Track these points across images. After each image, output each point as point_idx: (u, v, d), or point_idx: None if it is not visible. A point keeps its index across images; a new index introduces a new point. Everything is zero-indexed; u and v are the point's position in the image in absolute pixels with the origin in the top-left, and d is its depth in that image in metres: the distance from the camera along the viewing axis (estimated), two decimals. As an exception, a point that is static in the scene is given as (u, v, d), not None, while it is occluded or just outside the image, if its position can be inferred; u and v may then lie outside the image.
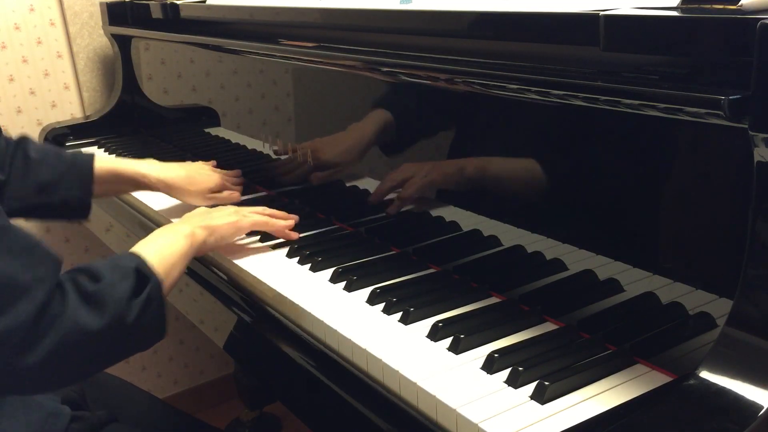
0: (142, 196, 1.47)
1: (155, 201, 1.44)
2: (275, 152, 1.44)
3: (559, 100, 0.84)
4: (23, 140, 1.24)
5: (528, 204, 0.98)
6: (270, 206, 1.23)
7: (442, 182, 1.10)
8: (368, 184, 1.22)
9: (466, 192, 1.07)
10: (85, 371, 0.94)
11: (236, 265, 1.13)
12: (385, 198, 1.18)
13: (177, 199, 1.36)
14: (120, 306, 0.87)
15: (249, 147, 1.55)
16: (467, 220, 1.06)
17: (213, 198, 1.34)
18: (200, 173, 1.37)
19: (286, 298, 1.01)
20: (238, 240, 1.21)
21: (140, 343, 0.93)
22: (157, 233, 1.07)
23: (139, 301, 0.89)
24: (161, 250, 1.00)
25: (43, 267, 0.84)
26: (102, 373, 1.34)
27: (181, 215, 1.18)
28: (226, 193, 1.36)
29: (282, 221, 1.18)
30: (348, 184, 1.26)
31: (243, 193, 1.41)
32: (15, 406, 1.00)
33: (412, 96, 1.12)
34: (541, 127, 0.94)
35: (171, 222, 1.26)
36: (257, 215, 1.17)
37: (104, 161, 1.32)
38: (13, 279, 0.81)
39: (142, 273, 0.91)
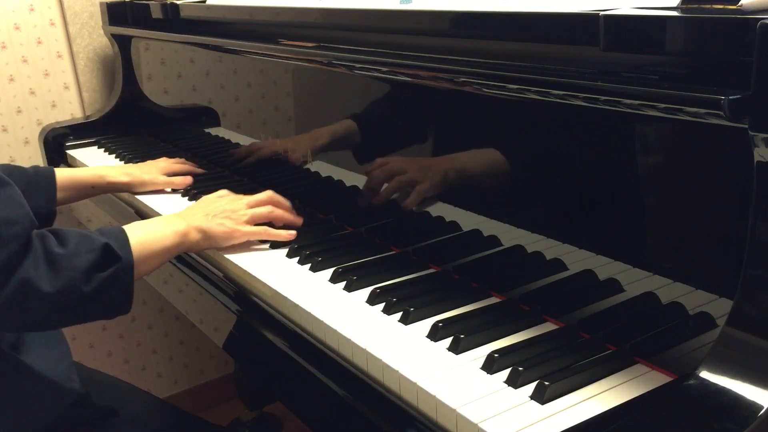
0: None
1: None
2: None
3: (559, 100, 0.84)
4: None
5: (528, 204, 0.98)
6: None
7: (432, 180, 1.11)
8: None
9: (463, 191, 1.07)
10: (38, 325, 1.01)
11: (236, 265, 1.13)
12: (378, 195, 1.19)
13: (138, 189, 1.48)
14: (75, 275, 0.92)
15: (249, 147, 1.55)
16: (467, 220, 1.06)
17: (169, 182, 1.48)
18: (146, 163, 1.55)
19: (286, 297, 1.01)
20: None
21: (97, 314, 1.00)
22: (154, 220, 1.14)
23: (103, 276, 0.94)
24: (146, 237, 1.05)
25: (20, 225, 0.90)
26: (102, 374, 1.35)
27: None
28: (179, 179, 1.49)
29: (283, 232, 1.19)
30: (349, 185, 1.26)
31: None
32: (19, 393, 1.01)
33: (411, 96, 1.12)
34: (541, 127, 0.94)
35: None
36: (253, 228, 1.17)
37: (64, 170, 1.42)
38: None
39: (111, 251, 0.96)
